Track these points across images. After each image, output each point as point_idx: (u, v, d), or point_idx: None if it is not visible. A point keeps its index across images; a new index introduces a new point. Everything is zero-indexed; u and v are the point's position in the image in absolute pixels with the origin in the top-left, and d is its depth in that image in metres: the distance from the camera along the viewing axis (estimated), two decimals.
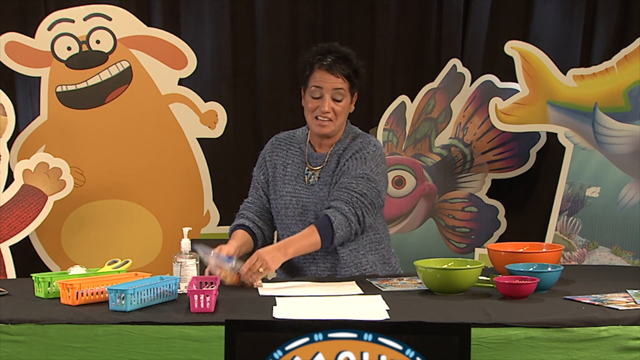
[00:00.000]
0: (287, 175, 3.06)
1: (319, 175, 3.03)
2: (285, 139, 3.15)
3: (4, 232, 3.69)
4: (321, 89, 2.96)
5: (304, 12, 4.44)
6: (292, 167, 3.07)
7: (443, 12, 4.37)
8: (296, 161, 3.08)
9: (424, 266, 2.60)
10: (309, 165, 3.06)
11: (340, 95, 2.96)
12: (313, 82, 2.97)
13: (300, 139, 3.11)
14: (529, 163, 4.05)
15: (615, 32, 3.96)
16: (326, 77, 2.95)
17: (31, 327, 2.26)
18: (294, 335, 1.82)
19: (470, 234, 4.12)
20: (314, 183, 3.02)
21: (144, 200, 4.03)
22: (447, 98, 4.19)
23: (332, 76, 2.95)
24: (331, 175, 3.00)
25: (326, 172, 3.02)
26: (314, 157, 3.06)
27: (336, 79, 2.95)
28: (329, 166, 3.03)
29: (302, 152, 3.09)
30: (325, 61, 2.96)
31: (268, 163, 3.12)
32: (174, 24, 4.29)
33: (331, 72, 2.95)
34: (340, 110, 2.97)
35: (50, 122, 3.95)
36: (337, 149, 3.04)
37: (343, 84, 2.96)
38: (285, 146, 3.12)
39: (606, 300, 2.41)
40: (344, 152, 3.02)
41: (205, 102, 4.03)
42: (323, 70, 2.96)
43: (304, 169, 3.06)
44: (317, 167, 3.05)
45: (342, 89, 2.96)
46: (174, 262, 2.67)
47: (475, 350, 2.06)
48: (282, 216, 3.06)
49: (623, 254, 3.58)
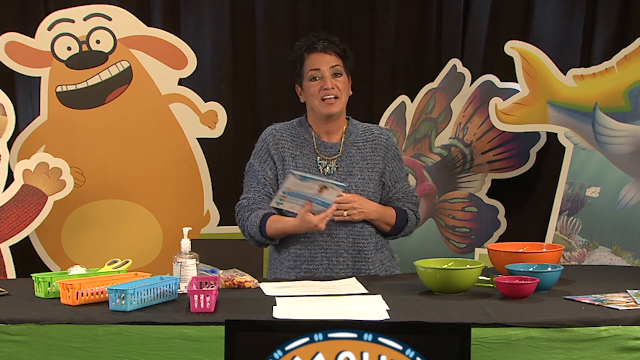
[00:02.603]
0: (299, 166, 3.05)
1: (337, 165, 3.05)
2: (285, 130, 3.13)
3: (4, 232, 3.69)
4: (319, 70, 3.02)
5: (304, 12, 4.44)
6: (302, 157, 3.07)
7: (443, 12, 4.37)
8: (305, 151, 3.08)
9: (424, 266, 2.60)
10: (320, 155, 3.06)
11: (339, 71, 3.03)
12: (309, 67, 3.04)
13: (301, 129, 3.12)
14: (529, 163, 4.05)
15: (615, 32, 3.96)
16: (321, 58, 3.03)
17: (31, 327, 2.26)
18: (294, 335, 1.82)
19: (470, 234, 4.12)
20: (332, 173, 3.04)
21: (144, 200, 4.03)
22: (447, 98, 4.19)
23: (326, 55, 3.03)
24: (353, 166, 3.05)
25: (344, 161, 3.06)
26: (326, 147, 3.08)
27: (330, 57, 3.03)
28: (347, 155, 3.06)
29: (308, 142, 3.09)
30: (316, 45, 3.03)
31: (274, 156, 3.08)
32: (174, 24, 4.29)
33: (325, 52, 3.03)
34: (342, 87, 3.04)
35: (50, 122, 3.95)
36: (352, 139, 3.09)
37: (337, 60, 3.04)
38: (289, 137, 3.10)
39: (606, 300, 2.41)
40: (363, 143, 3.09)
41: (205, 102, 4.04)
42: (316, 53, 3.03)
43: (315, 159, 3.07)
44: (332, 157, 3.06)
45: (338, 65, 3.04)
46: (174, 262, 2.67)
47: (475, 350, 2.06)
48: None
49: (623, 254, 3.57)
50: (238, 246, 4.08)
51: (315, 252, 3.02)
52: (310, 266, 3.02)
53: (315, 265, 3.02)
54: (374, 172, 3.07)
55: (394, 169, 3.12)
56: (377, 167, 3.08)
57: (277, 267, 3.09)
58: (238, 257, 3.98)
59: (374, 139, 3.11)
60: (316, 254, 3.02)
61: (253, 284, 2.72)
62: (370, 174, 3.06)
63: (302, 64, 3.05)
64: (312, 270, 3.02)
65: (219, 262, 3.16)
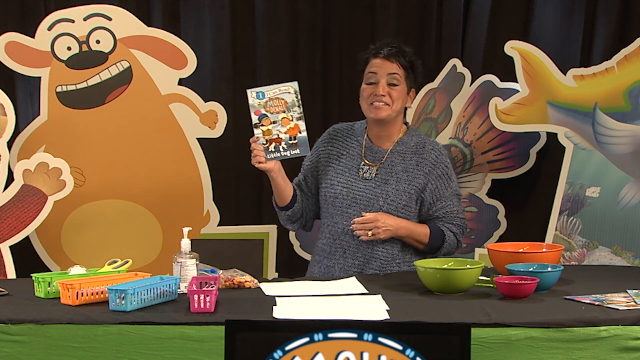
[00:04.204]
0: (341, 166, 3.08)
1: (377, 172, 3.05)
2: (342, 130, 3.17)
3: (4, 232, 3.69)
4: (376, 74, 3.02)
5: (304, 12, 4.44)
6: (347, 158, 3.09)
7: (443, 12, 4.37)
8: (352, 153, 3.10)
9: (424, 266, 2.60)
10: (365, 160, 3.08)
11: (396, 80, 3.02)
12: (369, 69, 3.05)
13: (358, 131, 3.14)
14: (529, 163, 4.05)
15: (615, 32, 3.96)
16: (381, 64, 3.03)
17: (31, 327, 2.26)
18: (294, 335, 1.82)
19: (470, 234, 4.12)
20: (370, 178, 3.05)
21: (144, 200, 4.03)
22: (447, 98, 4.19)
23: (387, 62, 3.03)
24: (391, 175, 3.03)
25: (385, 169, 3.05)
26: (373, 151, 3.08)
27: (391, 64, 3.03)
28: (389, 164, 3.05)
29: (359, 144, 3.11)
30: (382, 51, 3.04)
31: (322, 152, 3.14)
32: (174, 24, 4.29)
33: (387, 59, 3.03)
34: (396, 95, 3.02)
35: (50, 122, 3.95)
36: (401, 149, 3.07)
37: (398, 69, 3.03)
38: (342, 137, 3.14)
39: (606, 300, 2.41)
40: (410, 155, 3.06)
41: (205, 102, 4.03)
42: (379, 58, 3.04)
43: (359, 163, 3.08)
44: (375, 163, 3.07)
45: (397, 74, 3.02)
46: (174, 262, 2.67)
47: (475, 350, 2.07)
48: (329, 205, 3.06)
49: (623, 254, 3.57)
50: (238, 246, 4.09)
51: (335, 249, 3.05)
52: (329, 262, 3.05)
53: (332, 262, 3.04)
54: (411, 185, 3.02)
55: (438, 187, 3.04)
56: (417, 182, 3.03)
57: (315, 257, 3.15)
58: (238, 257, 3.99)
59: (423, 152, 3.06)
60: (335, 252, 3.05)
61: (253, 284, 2.72)
62: (406, 186, 3.02)
63: (364, 67, 3.07)
64: (329, 267, 3.04)
65: (219, 262, 3.16)
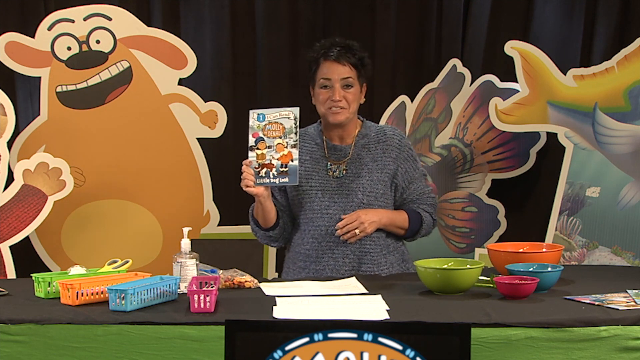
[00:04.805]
0: (308, 171, 3.07)
1: (346, 168, 3.05)
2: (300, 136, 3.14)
3: (4, 232, 3.69)
4: (330, 80, 3.00)
5: (304, 11, 4.44)
6: (311, 162, 3.09)
7: (443, 12, 4.37)
8: (315, 156, 3.10)
9: (424, 266, 2.60)
10: (330, 159, 3.08)
11: (350, 83, 3.01)
12: (321, 75, 3.02)
13: (314, 135, 3.14)
14: (529, 163, 4.05)
15: (615, 32, 3.96)
16: (333, 68, 3.01)
17: (31, 327, 2.26)
18: (294, 335, 1.82)
19: (470, 234, 4.12)
20: (341, 176, 3.05)
21: (144, 200, 4.03)
22: (447, 98, 4.19)
23: (339, 65, 3.00)
24: (362, 167, 3.04)
25: (354, 163, 3.06)
26: (336, 150, 3.09)
27: (343, 67, 3.00)
28: (356, 157, 3.06)
29: (319, 146, 3.11)
30: (331, 52, 3.01)
31: None
32: (174, 24, 4.29)
33: (338, 62, 3.00)
34: (351, 98, 3.02)
35: (50, 122, 3.95)
36: (364, 141, 3.08)
37: (351, 72, 3.01)
38: (301, 142, 3.12)
39: (606, 300, 2.41)
40: (374, 144, 3.07)
41: (205, 102, 4.04)
42: (330, 62, 3.01)
43: (325, 164, 3.08)
44: (341, 160, 3.07)
45: (351, 77, 3.01)
46: (174, 262, 2.67)
47: (475, 350, 2.07)
48: (306, 211, 3.06)
49: (623, 254, 3.57)
50: (238, 246, 4.08)
51: (322, 252, 3.03)
52: (318, 266, 3.03)
53: (322, 265, 3.03)
54: (383, 173, 3.06)
55: (407, 170, 3.09)
56: (388, 169, 3.07)
57: (290, 266, 3.13)
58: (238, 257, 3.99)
59: (386, 139, 3.09)
60: (323, 255, 3.03)
61: (253, 284, 2.72)
62: (379, 175, 3.05)
63: (316, 69, 3.05)
64: (319, 271, 3.03)
65: (219, 262, 3.17)
